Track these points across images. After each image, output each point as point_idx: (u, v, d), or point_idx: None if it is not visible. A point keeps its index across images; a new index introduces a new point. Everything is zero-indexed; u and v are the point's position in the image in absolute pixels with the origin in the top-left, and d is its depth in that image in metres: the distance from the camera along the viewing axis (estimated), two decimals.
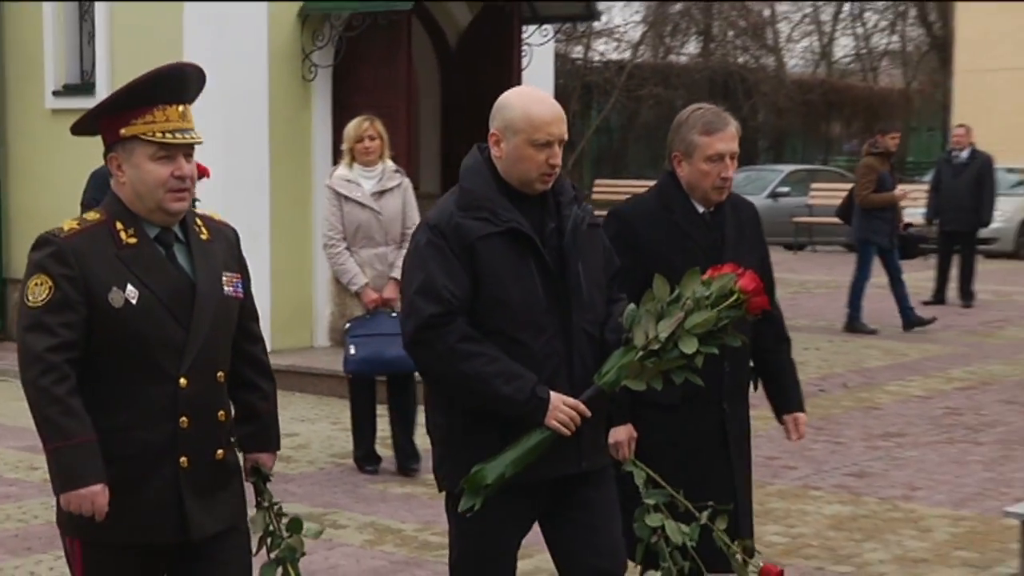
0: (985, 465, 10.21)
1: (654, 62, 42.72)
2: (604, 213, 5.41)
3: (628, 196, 26.24)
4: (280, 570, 4.45)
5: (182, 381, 4.14)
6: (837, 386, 13.48)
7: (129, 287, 4.08)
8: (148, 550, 4.20)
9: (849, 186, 18.53)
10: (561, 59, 26.79)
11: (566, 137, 4.68)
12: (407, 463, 9.88)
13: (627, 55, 42.76)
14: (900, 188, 17.19)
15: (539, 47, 15.02)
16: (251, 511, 4.54)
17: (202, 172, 8.86)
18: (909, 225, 18.28)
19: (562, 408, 4.53)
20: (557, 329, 4.65)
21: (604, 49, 42.66)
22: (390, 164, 9.84)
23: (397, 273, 9.53)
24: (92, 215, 4.25)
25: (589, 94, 39.21)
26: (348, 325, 9.56)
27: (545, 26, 14.93)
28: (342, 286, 9.68)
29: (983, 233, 20.54)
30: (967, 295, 19.50)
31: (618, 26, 44.10)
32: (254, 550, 4.49)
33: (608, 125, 39.74)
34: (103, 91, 13.93)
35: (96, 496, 3.99)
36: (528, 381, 4.52)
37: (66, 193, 12.16)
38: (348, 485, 9.53)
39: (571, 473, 4.70)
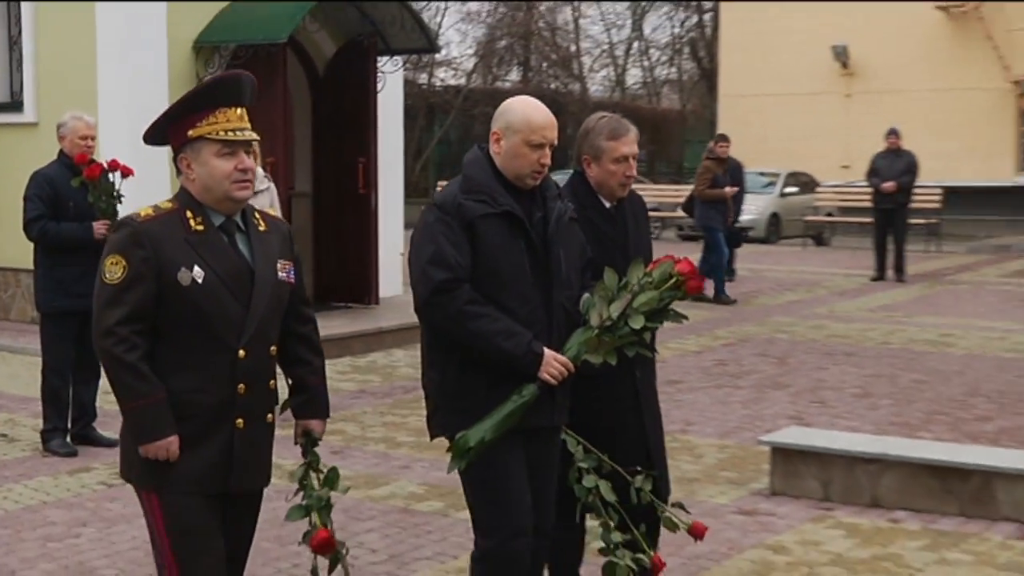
0: (743, 404, 10.36)
1: (484, 87, 42.74)
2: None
3: None
4: (312, 517, 4.32)
5: (241, 353, 3.98)
6: None
7: (196, 268, 3.91)
8: (210, 497, 4.03)
9: (639, 186, 18.73)
10: (409, 84, 26.64)
11: (556, 142, 4.57)
12: None
13: (462, 81, 42.82)
14: (728, 188, 17.59)
15: (391, 74, 14.89)
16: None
17: (127, 172, 8.80)
18: (736, 221, 18.62)
19: (553, 363, 4.45)
20: (540, 301, 4.54)
21: (444, 76, 42.72)
22: (260, 171, 9.72)
23: None
24: (165, 204, 4.07)
25: (432, 113, 39.15)
26: None
27: (395, 57, 14.82)
28: None
29: (741, 222, 20.84)
30: (730, 272, 19.74)
31: (455, 58, 44.31)
32: (289, 498, 4.38)
33: (448, 137, 39.73)
34: (30, 108, 13.65)
35: (170, 445, 3.89)
36: (525, 337, 4.43)
37: (3, 195, 11.96)
38: None
39: (544, 426, 4.61)
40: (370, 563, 6.48)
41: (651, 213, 24.28)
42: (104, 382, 9.23)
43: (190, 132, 3.97)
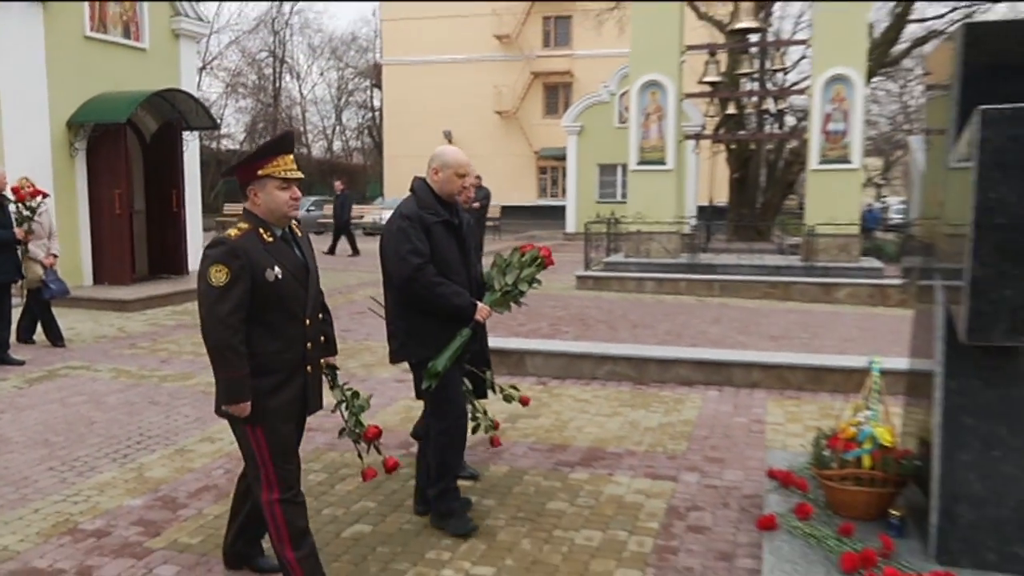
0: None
1: (252, 150, 41.10)
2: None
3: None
4: (353, 419, 3.77)
5: (307, 322, 3.44)
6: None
7: (276, 268, 3.34)
8: (292, 424, 3.45)
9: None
10: (204, 148, 25.21)
11: (472, 174, 4.25)
12: (59, 342, 8.90)
13: (237, 146, 40.94)
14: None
15: (192, 141, 14.07)
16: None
17: (45, 194, 8.70)
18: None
19: (483, 310, 4.17)
20: (465, 276, 4.21)
21: (226, 143, 40.60)
22: (39, 198, 8.80)
23: (54, 249, 8.80)
24: (243, 225, 3.38)
25: (219, 163, 37.04)
26: (43, 276, 8.64)
27: (194, 131, 14.00)
28: (30, 259, 8.58)
29: None
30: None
31: (232, 132, 42.47)
32: (331, 411, 3.81)
33: (231, 179, 37.82)
34: None
35: (245, 408, 3.27)
36: (466, 295, 4.12)
37: None
38: (99, 352, 8.74)
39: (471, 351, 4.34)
40: (185, 420, 6.18)
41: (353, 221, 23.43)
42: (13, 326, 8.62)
43: (259, 171, 3.39)
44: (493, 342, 8.03)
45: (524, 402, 4.83)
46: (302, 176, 3.55)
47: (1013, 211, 2.90)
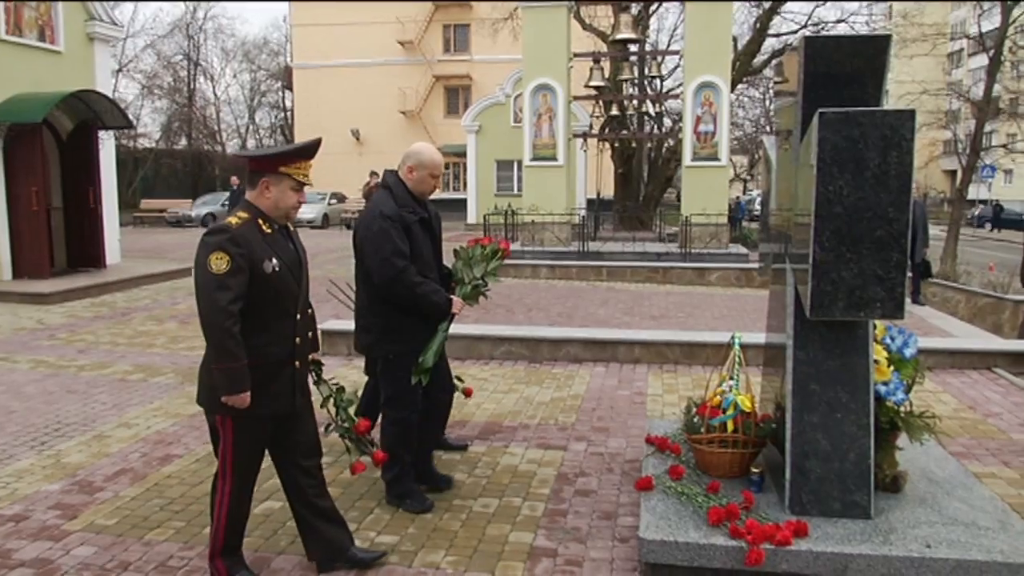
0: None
1: (166, 148, 39.32)
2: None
3: (160, 209, 23.88)
4: (344, 413, 3.57)
5: (297, 317, 3.18)
6: None
7: (274, 260, 3.08)
8: (271, 418, 3.18)
9: None
10: (120, 146, 23.95)
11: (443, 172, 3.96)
12: None
13: (153, 144, 39.14)
14: None
15: (107, 140, 13.39)
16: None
17: None
18: None
19: (457, 304, 3.98)
20: (436, 271, 4.01)
21: (143, 141, 38.72)
22: None
23: None
24: (243, 215, 3.10)
25: (136, 161, 35.37)
26: None
27: (109, 130, 13.32)
28: None
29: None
30: None
31: (149, 131, 40.58)
32: (319, 406, 3.52)
33: (147, 175, 36.09)
34: None
35: (246, 398, 3.01)
36: (443, 292, 3.93)
37: None
38: (18, 344, 8.23)
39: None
40: (103, 407, 5.87)
41: None
42: None
43: (281, 168, 3.14)
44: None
45: (468, 393, 4.65)
46: (311, 184, 3.35)
47: (848, 202, 3.02)
